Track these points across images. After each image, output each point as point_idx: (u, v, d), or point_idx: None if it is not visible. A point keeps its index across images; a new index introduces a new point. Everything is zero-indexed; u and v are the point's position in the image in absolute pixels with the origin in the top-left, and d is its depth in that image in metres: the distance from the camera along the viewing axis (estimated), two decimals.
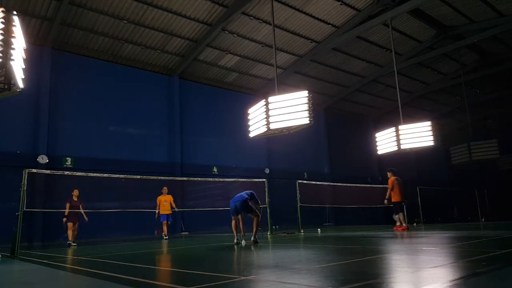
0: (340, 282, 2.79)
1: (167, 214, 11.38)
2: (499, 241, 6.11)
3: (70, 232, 10.28)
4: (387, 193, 10.94)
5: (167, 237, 11.18)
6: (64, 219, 10.28)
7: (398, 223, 10.58)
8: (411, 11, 15.19)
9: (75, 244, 10.11)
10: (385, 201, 11.07)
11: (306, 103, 8.32)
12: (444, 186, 24.62)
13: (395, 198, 10.75)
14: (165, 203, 11.42)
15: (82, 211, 10.40)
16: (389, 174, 11.10)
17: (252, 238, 7.58)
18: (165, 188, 11.62)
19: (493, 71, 20.67)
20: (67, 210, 10.17)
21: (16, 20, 5.26)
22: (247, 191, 7.69)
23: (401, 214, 10.60)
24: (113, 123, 15.05)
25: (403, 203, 10.87)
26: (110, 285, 3.31)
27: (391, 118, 23.08)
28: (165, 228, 11.32)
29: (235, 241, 7.56)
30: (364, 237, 8.39)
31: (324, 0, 14.31)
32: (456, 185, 24.83)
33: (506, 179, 23.84)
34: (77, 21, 13.34)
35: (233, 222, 7.78)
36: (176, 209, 11.71)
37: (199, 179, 14.22)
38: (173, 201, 11.55)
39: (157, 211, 11.35)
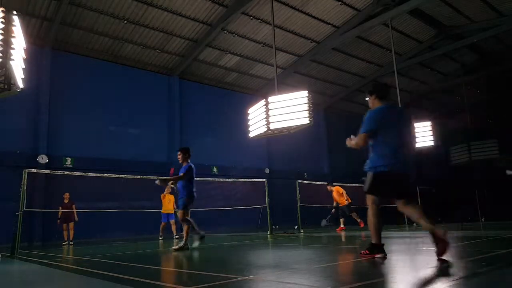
0: (340, 282, 2.79)
1: (169, 214, 11.23)
2: (499, 241, 6.11)
3: (65, 233, 10.59)
4: (347, 199, 12.13)
5: (174, 235, 10.89)
6: (58, 221, 10.90)
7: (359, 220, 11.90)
8: (411, 11, 15.18)
9: (72, 243, 10.33)
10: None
11: (306, 103, 8.32)
12: (444, 186, 24.60)
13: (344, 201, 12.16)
14: (168, 201, 11.26)
15: (74, 211, 10.68)
16: (330, 187, 12.43)
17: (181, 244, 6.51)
18: (168, 186, 11.38)
19: (493, 71, 20.66)
20: (60, 212, 10.80)
21: (16, 20, 5.26)
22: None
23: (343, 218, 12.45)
24: (113, 123, 15.05)
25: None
26: (110, 285, 3.31)
27: None
28: (171, 227, 11.13)
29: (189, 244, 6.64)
30: (364, 237, 8.39)
31: (324, 0, 14.32)
32: (456, 185, 24.82)
33: (506, 179, 23.83)
34: (77, 21, 13.33)
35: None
36: (173, 211, 11.44)
37: (199, 179, 14.19)
38: (174, 201, 11.28)
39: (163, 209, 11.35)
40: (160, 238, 11.03)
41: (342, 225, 12.39)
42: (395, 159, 3.77)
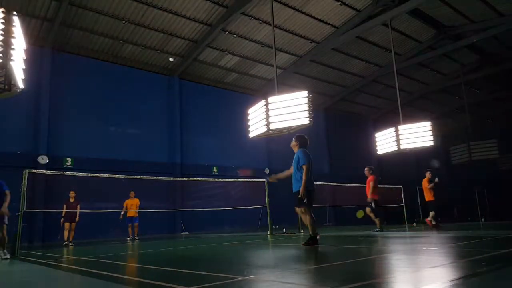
0: (340, 282, 2.79)
1: (133, 217, 12.05)
2: (499, 241, 6.11)
3: (66, 233, 10.56)
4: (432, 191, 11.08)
5: (133, 238, 11.79)
6: (62, 220, 10.79)
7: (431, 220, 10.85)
8: (411, 11, 15.19)
9: (72, 244, 10.30)
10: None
11: (306, 103, 8.33)
12: (444, 186, 24.57)
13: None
14: (131, 206, 12.10)
15: (78, 211, 10.65)
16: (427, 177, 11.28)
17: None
18: (132, 192, 12.25)
19: (493, 71, 20.66)
20: (64, 211, 10.70)
21: (16, 20, 5.26)
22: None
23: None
24: (113, 123, 15.06)
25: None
26: (110, 285, 3.31)
27: (391, 118, 23.08)
28: (131, 230, 12.01)
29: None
30: (364, 237, 8.39)
31: (323, 0, 14.32)
32: (456, 185, 24.81)
33: (506, 179, 23.83)
34: (77, 21, 13.34)
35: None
36: (136, 214, 12.20)
37: (199, 179, 14.22)
38: (139, 205, 12.24)
39: (122, 213, 12.03)
40: (136, 238, 11.73)
41: (433, 221, 10.98)
42: (312, 182, 6.05)
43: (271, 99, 8.66)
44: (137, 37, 14.63)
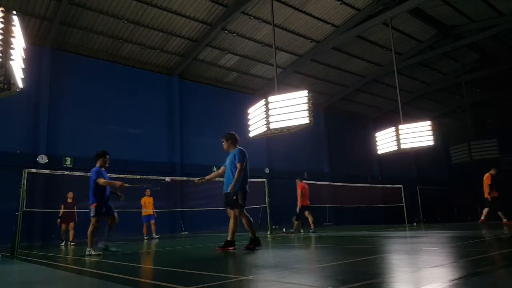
0: (340, 282, 2.78)
1: (149, 215, 12.12)
2: (499, 241, 6.11)
3: (63, 233, 10.59)
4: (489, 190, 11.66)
5: (150, 237, 11.81)
6: (58, 220, 10.74)
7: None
8: (411, 11, 15.19)
9: (73, 244, 10.28)
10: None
11: (306, 103, 8.31)
12: (444, 186, 24.60)
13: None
14: (148, 204, 12.16)
15: (75, 211, 10.66)
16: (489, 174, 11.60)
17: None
18: (148, 190, 12.24)
19: (493, 71, 20.65)
20: (61, 211, 10.67)
21: (15, 19, 5.25)
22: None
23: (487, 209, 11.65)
24: (113, 123, 15.03)
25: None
26: (110, 285, 3.31)
27: (391, 118, 23.09)
28: (151, 228, 12.07)
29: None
30: (364, 237, 8.39)
31: None
32: (456, 185, 24.81)
33: (506, 179, 23.81)
34: (76, 20, 13.33)
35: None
36: (155, 214, 12.36)
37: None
38: (152, 203, 12.32)
39: (143, 212, 12.13)
40: (145, 238, 11.71)
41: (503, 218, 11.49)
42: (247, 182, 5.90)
43: (271, 98, 8.65)
44: (137, 36, 14.61)
